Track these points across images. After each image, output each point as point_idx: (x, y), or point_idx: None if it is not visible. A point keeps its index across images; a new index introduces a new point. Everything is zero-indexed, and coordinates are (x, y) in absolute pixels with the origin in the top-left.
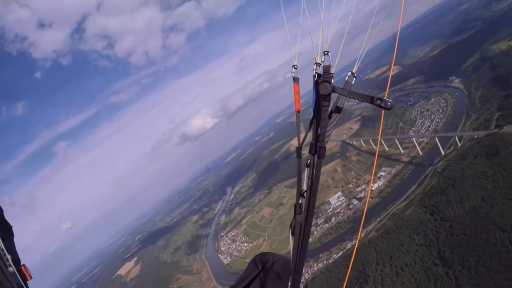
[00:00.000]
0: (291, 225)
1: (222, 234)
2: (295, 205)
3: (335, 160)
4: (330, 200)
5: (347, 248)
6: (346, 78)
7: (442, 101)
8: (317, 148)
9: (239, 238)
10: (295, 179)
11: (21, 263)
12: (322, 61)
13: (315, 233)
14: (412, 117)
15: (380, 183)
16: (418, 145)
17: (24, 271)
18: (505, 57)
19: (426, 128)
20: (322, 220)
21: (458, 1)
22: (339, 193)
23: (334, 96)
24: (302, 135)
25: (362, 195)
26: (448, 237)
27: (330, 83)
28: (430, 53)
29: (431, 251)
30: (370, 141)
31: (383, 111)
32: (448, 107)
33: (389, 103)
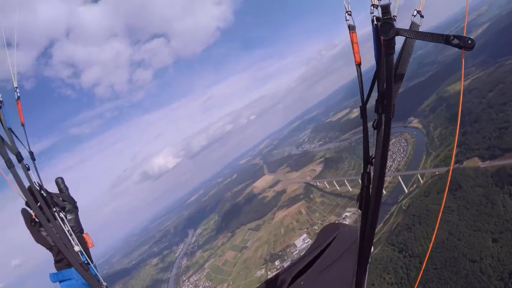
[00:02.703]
0: (358, 198)
1: (184, 279)
2: (362, 174)
3: (299, 202)
4: (296, 242)
5: None
6: (412, 18)
7: (403, 141)
8: (385, 104)
9: (201, 283)
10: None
11: (84, 232)
12: (379, 0)
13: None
14: None
15: (345, 223)
16: None
17: (86, 239)
18: (459, 97)
19: (388, 167)
20: (288, 263)
21: (415, 47)
22: (305, 235)
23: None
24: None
25: None
26: (419, 273)
27: (392, 24)
28: None
29: None
30: (334, 182)
31: (463, 54)
32: (409, 147)
33: (469, 41)
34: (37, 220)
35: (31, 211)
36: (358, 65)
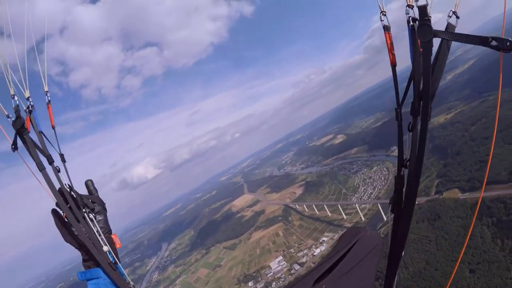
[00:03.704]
0: (391, 201)
1: None
2: (396, 177)
3: (277, 223)
4: (271, 264)
5: None
6: (448, 19)
7: (384, 169)
8: (422, 106)
9: None
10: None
11: (112, 233)
12: (416, 1)
13: None
14: (355, 184)
15: (322, 248)
16: (361, 211)
17: (114, 240)
18: (442, 129)
19: (368, 195)
20: (262, 285)
21: (401, 78)
22: (280, 258)
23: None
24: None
25: (304, 260)
26: None
27: (430, 25)
28: (374, 124)
29: None
30: (313, 206)
31: (501, 56)
32: (390, 175)
33: (508, 43)
34: (66, 220)
35: (61, 212)
36: (394, 66)
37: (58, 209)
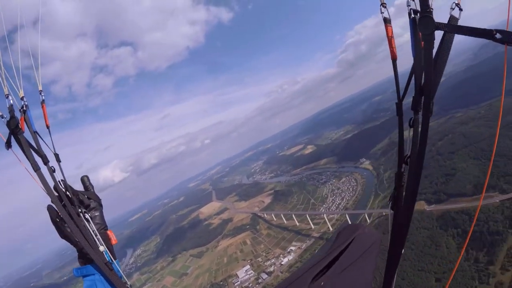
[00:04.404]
0: (391, 197)
1: None
2: (396, 174)
3: (245, 232)
4: (238, 273)
5: None
6: (450, 11)
7: (353, 180)
8: (424, 101)
9: None
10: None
11: (108, 229)
12: None
13: None
14: (324, 194)
15: (290, 257)
16: (329, 222)
17: (110, 236)
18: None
19: (336, 205)
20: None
21: (372, 93)
22: (248, 266)
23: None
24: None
25: (271, 269)
26: None
27: (432, 18)
28: (344, 136)
29: None
30: (282, 215)
31: (505, 49)
32: (358, 186)
33: None
34: (61, 217)
35: (56, 209)
36: (394, 60)
37: (54, 205)
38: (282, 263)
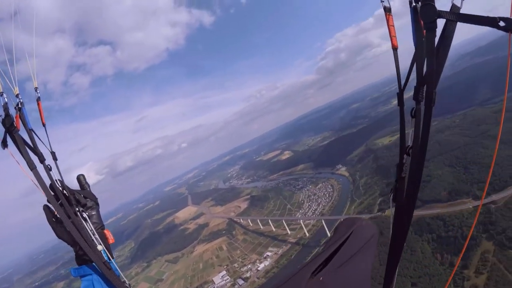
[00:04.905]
0: (392, 189)
1: None
2: (397, 165)
3: (221, 237)
4: (214, 279)
5: None
6: (452, 0)
7: (329, 186)
8: (426, 91)
9: None
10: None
11: (104, 228)
12: None
13: None
14: (300, 200)
15: (266, 263)
16: (305, 227)
17: (107, 235)
18: (387, 150)
19: (313, 211)
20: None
21: (351, 100)
22: (224, 272)
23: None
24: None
25: (248, 274)
26: None
27: (434, 6)
28: (321, 143)
29: None
30: (258, 221)
31: (509, 37)
32: (334, 192)
33: None
34: (58, 216)
35: (53, 208)
36: (395, 49)
37: (50, 205)
38: (259, 268)
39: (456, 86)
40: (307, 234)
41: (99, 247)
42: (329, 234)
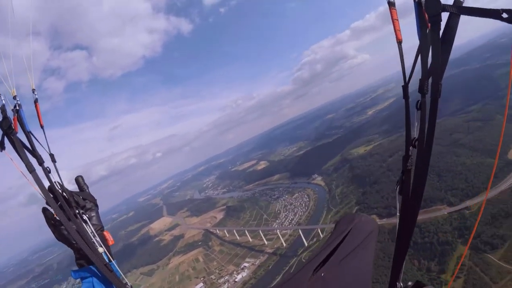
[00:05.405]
0: (398, 182)
1: None
2: (403, 157)
3: (197, 248)
4: None
5: None
6: None
7: (305, 196)
8: (432, 84)
9: None
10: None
11: (104, 230)
12: None
13: None
14: (276, 210)
15: (244, 274)
16: (282, 237)
17: (107, 237)
18: (362, 160)
19: (289, 220)
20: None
21: (326, 111)
22: (201, 284)
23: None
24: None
25: (225, 286)
26: None
27: None
28: (296, 153)
29: None
30: (234, 231)
31: None
32: (311, 202)
33: None
34: (57, 219)
35: (52, 210)
36: (400, 42)
37: (49, 207)
38: (236, 280)
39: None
40: (284, 244)
41: (100, 249)
42: (306, 244)
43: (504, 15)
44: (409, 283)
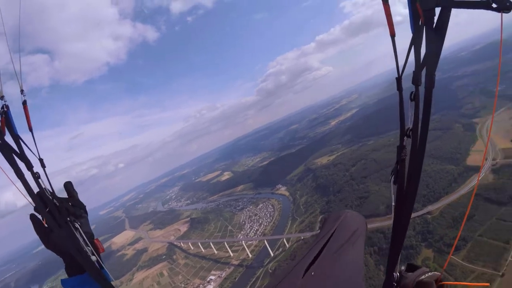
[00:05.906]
0: (393, 171)
1: None
2: (398, 147)
3: (161, 262)
4: None
5: None
6: None
7: (270, 206)
8: (426, 75)
9: None
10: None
11: (94, 238)
12: None
13: None
14: (241, 221)
15: (210, 287)
16: (248, 248)
17: (98, 245)
18: (325, 169)
19: (254, 231)
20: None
21: (290, 121)
22: None
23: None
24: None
25: None
26: None
27: None
28: (260, 163)
29: None
30: (199, 244)
31: (501, 17)
32: (275, 212)
33: (507, 3)
34: (47, 226)
35: (40, 217)
36: (393, 36)
37: (37, 214)
38: None
39: (390, 108)
40: (250, 255)
41: (93, 258)
42: (272, 254)
43: (494, 5)
44: (402, 268)
